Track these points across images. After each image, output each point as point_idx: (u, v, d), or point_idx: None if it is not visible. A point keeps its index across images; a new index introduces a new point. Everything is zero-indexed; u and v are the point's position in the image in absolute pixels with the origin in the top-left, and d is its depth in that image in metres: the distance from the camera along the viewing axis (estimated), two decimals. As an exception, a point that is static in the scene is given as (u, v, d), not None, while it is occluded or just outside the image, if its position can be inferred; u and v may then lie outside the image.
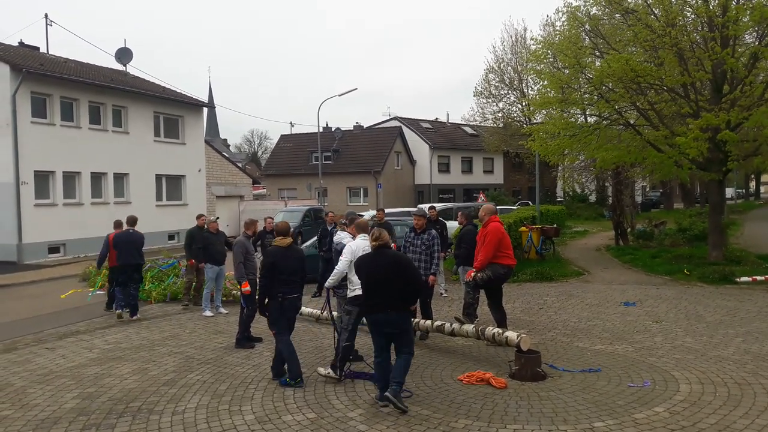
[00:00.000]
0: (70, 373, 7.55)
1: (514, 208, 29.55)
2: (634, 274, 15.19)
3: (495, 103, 43.37)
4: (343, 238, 7.90)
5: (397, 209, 26.73)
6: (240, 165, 42.43)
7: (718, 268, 14.14)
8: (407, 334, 6.28)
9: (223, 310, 11.45)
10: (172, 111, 27.73)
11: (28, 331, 10.28)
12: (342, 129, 49.59)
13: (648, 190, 53.23)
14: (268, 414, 5.98)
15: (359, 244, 7.08)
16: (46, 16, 27.72)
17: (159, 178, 26.79)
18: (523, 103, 40.10)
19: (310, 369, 7.38)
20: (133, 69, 29.77)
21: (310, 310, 10.55)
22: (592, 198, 45.11)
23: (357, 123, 51.60)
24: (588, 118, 20.82)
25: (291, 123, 70.94)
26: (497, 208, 12.37)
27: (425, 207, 15.24)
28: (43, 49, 27.34)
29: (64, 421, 5.92)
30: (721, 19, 14.09)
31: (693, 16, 15.61)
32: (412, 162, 48.78)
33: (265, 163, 59.43)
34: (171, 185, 27.60)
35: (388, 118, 51.93)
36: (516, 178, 52.22)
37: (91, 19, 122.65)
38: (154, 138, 26.53)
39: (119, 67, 28.87)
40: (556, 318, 10.17)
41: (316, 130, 40.15)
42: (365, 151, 46.41)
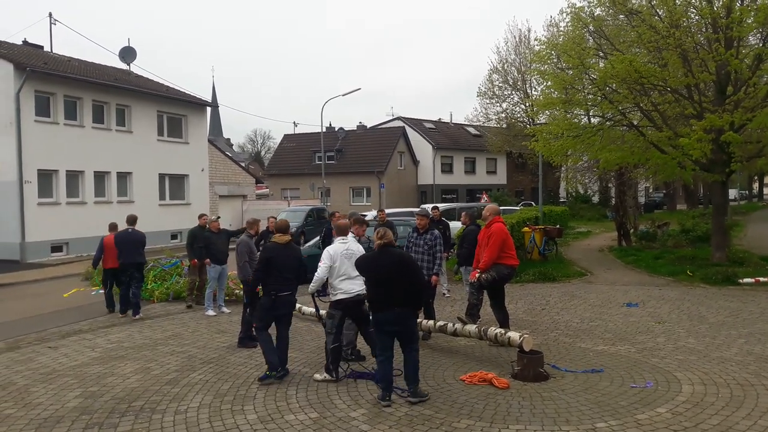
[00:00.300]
0: (72, 372, 7.57)
1: (517, 208, 29.54)
2: (637, 275, 15.16)
3: (498, 104, 43.41)
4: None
5: (399, 209, 26.76)
6: (243, 164, 42.50)
7: (721, 270, 14.11)
8: (412, 331, 6.36)
9: (225, 310, 11.46)
10: (176, 110, 27.77)
11: (31, 329, 10.31)
12: (345, 129, 49.63)
13: (651, 191, 53.16)
14: (271, 413, 5.99)
15: (337, 248, 7.03)
16: (50, 15, 27.86)
17: (162, 177, 26.83)
18: (527, 104, 40.09)
19: (313, 369, 7.39)
20: (136, 68, 29.87)
21: (313, 309, 10.52)
22: (595, 199, 45.04)
23: (360, 123, 51.70)
24: (591, 119, 20.77)
25: (294, 123, 71.41)
26: (500, 208, 12.37)
27: (428, 207, 15.24)
28: (47, 48, 27.43)
29: (66, 420, 5.93)
30: (726, 20, 14.06)
31: (697, 18, 15.58)
32: (415, 162, 48.79)
33: (268, 163, 59.51)
34: (174, 184, 27.64)
35: (391, 118, 51.98)
36: (519, 179, 52.19)
37: (94, 19, 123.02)
38: (157, 137, 26.57)
39: (123, 66, 28.98)
40: (559, 318, 10.16)
41: (320, 130, 40.19)
42: (368, 151, 46.44)
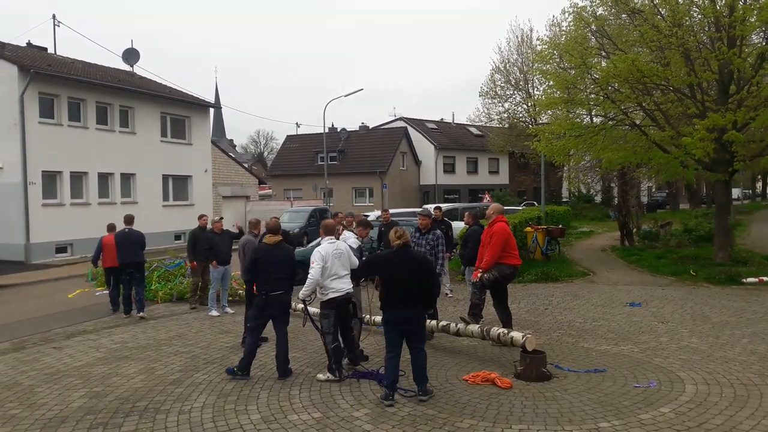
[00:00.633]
0: (77, 373, 7.60)
1: (520, 208, 29.51)
2: (640, 275, 15.15)
3: (500, 104, 43.37)
4: (348, 238, 7.93)
5: (402, 210, 26.75)
6: (246, 165, 42.55)
7: (724, 269, 14.10)
8: (422, 330, 6.50)
9: (229, 310, 11.49)
10: (179, 111, 27.82)
11: (36, 330, 10.36)
12: (347, 129, 49.64)
13: (654, 190, 53.03)
14: (274, 413, 6.01)
15: (327, 248, 7.02)
16: (53, 17, 27.90)
17: (166, 178, 26.88)
18: (529, 104, 40.03)
19: (316, 369, 7.42)
20: (139, 70, 29.94)
21: (315, 309, 10.55)
22: (598, 198, 44.97)
23: (362, 123, 51.67)
24: (594, 119, 20.77)
25: (297, 123, 71.72)
26: (504, 208, 12.38)
27: (431, 207, 15.24)
28: (50, 50, 27.50)
29: (71, 420, 5.96)
30: (728, 19, 14.04)
31: (700, 17, 15.55)
32: (418, 162, 48.79)
33: (271, 164, 59.58)
34: (178, 185, 27.70)
35: (393, 118, 51.96)
36: (521, 179, 52.10)
37: (98, 20, 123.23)
38: (160, 138, 26.62)
39: (126, 67, 29.01)
40: (562, 318, 10.16)
41: (322, 131, 40.20)
42: (371, 151, 46.45)
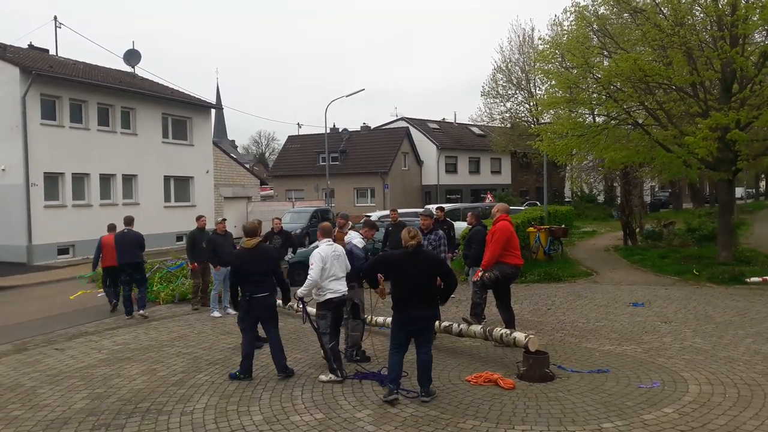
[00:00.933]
0: (79, 374, 7.60)
1: (522, 208, 29.46)
2: (643, 275, 15.11)
3: (502, 103, 43.36)
4: (353, 238, 7.92)
5: (403, 210, 26.68)
6: (248, 166, 42.56)
7: (727, 269, 14.05)
8: (431, 329, 6.58)
9: (231, 311, 11.47)
10: (180, 112, 27.84)
11: (38, 331, 10.36)
12: (349, 130, 49.63)
13: (657, 190, 52.92)
14: (276, 414, 6.00)
15: (326, 250, 7.08)
16: (55, 18, 28.00)
17: (167, 179, 26.90)
18: (531, 103, 40.00)
19: (318, 370, 7.40)
20: (141, 71, 30.00)
21: (312, 309, 10.56)
22: (601, 198, 44.93)
23: (364, 124, 51.64)
24: (596, 118, 20.72)
25: (298, 124, 71.81)
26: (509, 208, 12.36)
27: (433, 207, 15.22)
28: (52, 52, 27.55)
29: (73, 421, 5.96)
30: (731, 17, 14.00)
31: (702, 15, 15.52)
32: (419, 162, 48.76)
33: (272, 164, 59.62)
34: (179, 186, 27.71)
35: (395, 118, 51.93)
36: (524, 179, 52.05)
37: (99, 22, 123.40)
38: (162, 139, 26.64)
39: (127, 68, 29.06)
40: (565, 319, 10.13)
41: (324, 131, 40.21)
42: (372, 151, 46.43)
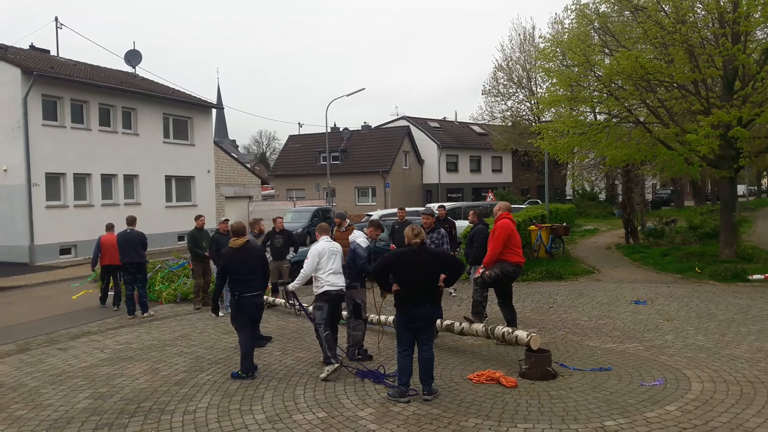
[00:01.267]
0: (82, 374, 7.61)
1: (524, 206, 29.46)
2: (645, 273, 15.09)
3: (503, 102, 43.31)
4: (357, 237, 7.93)
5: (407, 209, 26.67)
6: (249, 166, 42.56)
7: (729, 266, 14.03)
8: (433, 327, 6.63)
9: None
10: (181, 112, 27.86)
11: (41, 331, 10.37)
12: (350, 129, 49.64)
13: (658, 187, 52.90)
14: (279, 413, 6.00)
15: (324, 245, 7.46)
16: (56, 19, 28.02)
17: (168, 179, 26.93)
18: (532, 102, 39.98)
19: (319, 368, 7.39)
20: (142, 71, 30.02)
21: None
22: (602, 196, 44.84)
23: (365, 123, 51.67)
24: (597, 116, 20.71)
25: (299, 123, 71.84)
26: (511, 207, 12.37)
27: (434, 206, 15.24)
28: (53, 52, 27.58)
29: (76, 420, 5.96)
30: (732, 15, 13.97)
31: (703, 13, 15.51)
32: (420, 161, 48.74)
33: (273, 164, 59.63)
34: (180, 186, 27.74)
35: (396, 117, 51.94)
36: (525, 177, 52.06)
37: (100, 22, 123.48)
38: (163, 139, 26.66)
39: (128, 69, 29.09)
40: (566, 317, 10.13)
41: (324, 131, 40.21)
42: (373, 150, 46.44)
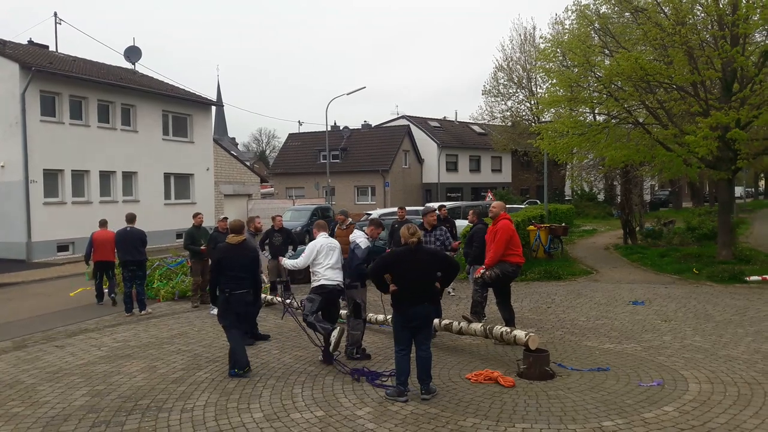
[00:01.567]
0: (79, 371, 7.59)
1: (523, 206, 29.46)
2: (643, 273, 15.11)
3: (503, 102, 43.30)
4: (357, 237, 7.94)
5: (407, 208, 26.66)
6: (248, 164, 42.55)
7: (727, 267, 14.05)
8: (431, 326, 6.63)
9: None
10: (181, 110, 27.82)
11: (38, 328, 10.35)
12: (350, 128, 49.62)
13: (657, 188, 52.90)
14: (276, 412, 6.00)
15: (322, 241, 7.75)
16: (55, 14, 28.02)
17: (167, 176, 26.89)
18: (532, 102, 39.98)
19: (319, 367, 7.41)
20: (141, 68, 29.97)
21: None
22: (601, 197, 44.85)
23: (365, 122, 51.65)
24: (597, 117, 20.73)
25: (299, 122, 71.89)
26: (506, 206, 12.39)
27: (435, 206, 15.26)
28: (52, 48, 27.50)
29: (73, 418, 5.95)
30: (731, 17, 13.99)
31: (703, 15, 15.51)
32: (420, 161, 48.73)
33: (273, 162, 59.59)
34: (179, 184, 27.70)
35: (396, 116, 51.92)
36: (524, 177, 52.06)
37: (99, 18, 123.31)
38: (162, 136, 26.61)
39: (128, 65, 29.04)
40: (565, 317, 10.13)
41: (324, 129, 40.18)
42: (373, 149, 46.42)
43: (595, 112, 20.37)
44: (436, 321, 8.35)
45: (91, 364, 7.88)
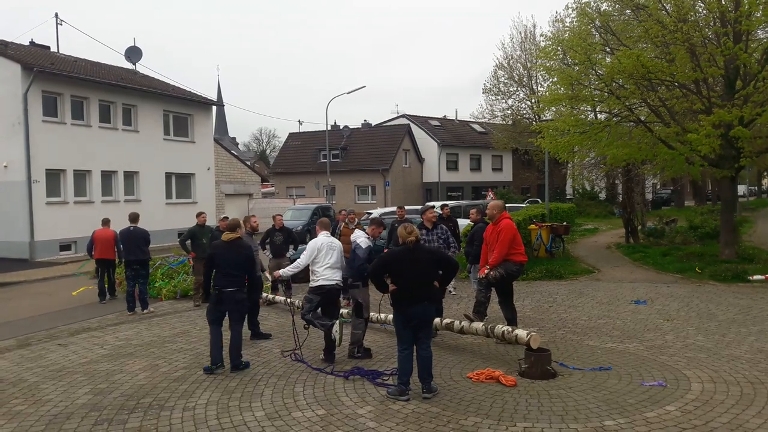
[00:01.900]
0: (82, 369, 7.61)
1: (523, 205, 29.44)
2: (645, 272, 15.08)
3: (504, 100, 43.24)
4: (358, 237, 7.94)
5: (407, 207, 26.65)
6: (249, 163, 42.59)
7: (730, 266, 14.01)
8: (431, 325, 6.64)
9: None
10: (182, 109, 27.84)
11: (41, 327, 10.38)
12: (350, 127, 49.60)
13: (659, 187, 52.84)
14: (278, 410, 6.00)
15: (322, 240, 7.76)
16: (56, 15, 27.96)
17: (169, 176, 26.92)
18: (533, 100, 39.92)
19: (320, 365, 7.40)
20: (142, 68, 30.00)
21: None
22: (602, 195, 44.82)
23: (365, 121, 51.64)
24: (598, 115, 20.66)
25: (299, 121, 71.80)
26: (506, 205, 12.37)
27: (437, 204, 15.25)
28: (53, 49, 27.54)
29: (76, 416, 5.96)
30: (734, 14, 13.95)
31: (705, 12, 15.47)
32: (421, 160, 48.71)
33: (273, 162, 59.59)
34: (181, 183, 27.72)
35: (396, 115, 51.91)
36: (525, 176, 51.99)
37: (100, 19, 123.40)
38: (163, 136, 26.65)
39: (129, 65, 29.07)
40: (566, 316, 10.12)
41: (325, 128, 40.18)
42: (373, 148, 46.40)
43: (597, 110, 20.32)
44: (438, 320, 8.34)
45: (94, 363, 7.90)
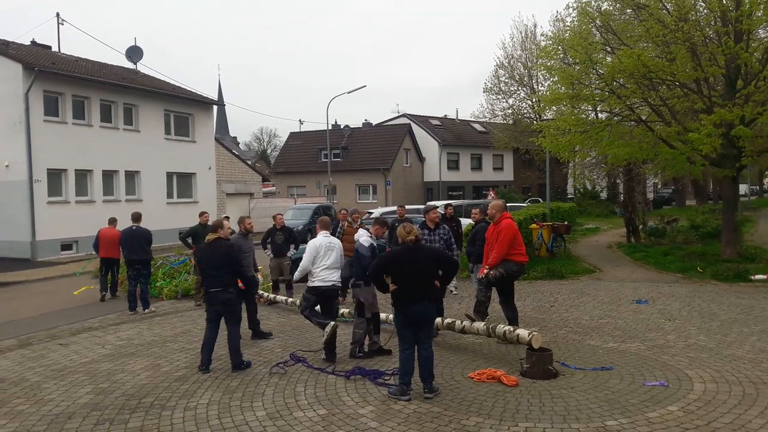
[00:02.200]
0: (83, 369, 7.61)
1: (524, 205, 29.43)
2: (646, 272, 15.07)
3: (505, 100, 43.25)
4: (360, 236, 7.95)
5: (408, 206, 26.64)
6: (249, 163, 42.58)
7: (731, 266, 14.00)
8: (432, 324, 6.64)
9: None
10: (183, 109, 27.84)
11: (42, 327, 10.38)
12: (351, 126, 49.58)
13: (660, 186, 52.81)
14: (279, 410, 5.99)
15: (321, 240, 7.78)
16: (57, 15, 27.96)
17: (170, 175, 26.92)
18: (533, 100, 39.91)
19: (321, 365, 7.40)
20: (143, 67, 30.01)
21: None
22: (603, 195, 44.79)
23: (366, 120, 51.57)
24: (599, 114, 20.66)
25: (300, 121, 71.60)
26: (507, 205, 12.37)
27: (440, 204, 15.23)
28: (54, 48, 27.54)
29: (78, 416, 5.96)
30: (735, 13, 13.93)
31: (706, 11, 15.46)
32: (421, 159, 48.69)
33: (274, 161, 59.60)
34: (182, 183, 27.73)
35: (397, 115, 51.87)
36: (526, 175, 51.97)
37: (101, 18, 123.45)
38: (164, 136, 26.65)
39: (130, 65, 29.06)
40: (568, 316, 10.11)
41: (326, 128, 40.18)
42: (374, 148, 46.38)
43: (597, 109, 20.31)
44: (439, 320, 8.34)
45: (95, 362, 7.90)
